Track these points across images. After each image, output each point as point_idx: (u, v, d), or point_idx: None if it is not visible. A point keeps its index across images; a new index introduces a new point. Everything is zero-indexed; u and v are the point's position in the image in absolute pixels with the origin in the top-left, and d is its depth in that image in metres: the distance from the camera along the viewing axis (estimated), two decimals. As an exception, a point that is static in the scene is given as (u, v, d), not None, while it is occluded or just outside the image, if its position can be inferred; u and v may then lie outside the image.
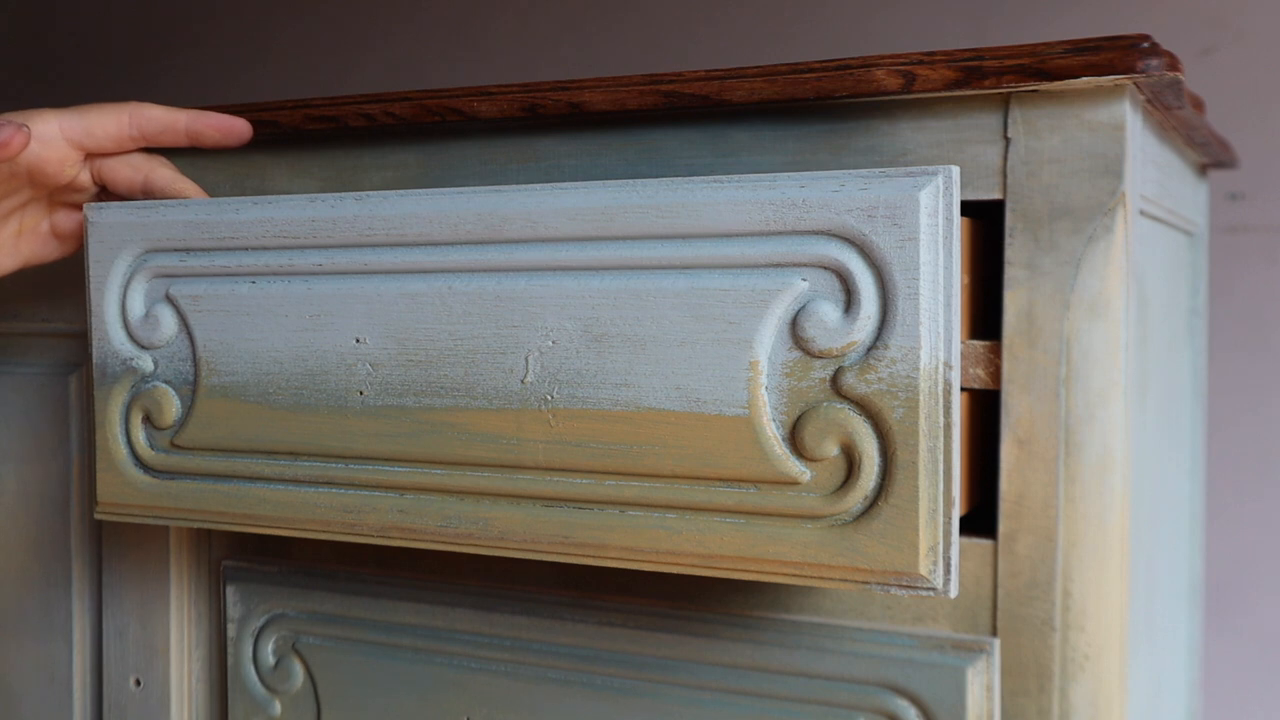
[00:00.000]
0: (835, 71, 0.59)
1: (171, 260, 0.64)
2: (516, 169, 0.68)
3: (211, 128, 0.66)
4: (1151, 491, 0.71)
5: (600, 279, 0.55)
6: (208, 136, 0.67)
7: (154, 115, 0.66)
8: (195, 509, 0.65)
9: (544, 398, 0.56)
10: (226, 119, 0.67)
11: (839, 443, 0.52)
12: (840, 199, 0.51)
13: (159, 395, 0.65)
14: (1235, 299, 1.07)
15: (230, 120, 0.67)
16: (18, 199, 0.68)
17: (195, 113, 0.67)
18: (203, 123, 0.66)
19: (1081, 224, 0.57)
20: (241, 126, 0.67)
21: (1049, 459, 0.57)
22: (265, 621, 0.74)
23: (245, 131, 0.67)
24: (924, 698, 0.58)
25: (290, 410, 0.62)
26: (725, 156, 0.63)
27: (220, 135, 0.67)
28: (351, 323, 0.60)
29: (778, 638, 0.62)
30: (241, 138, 0.67)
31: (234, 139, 0.67)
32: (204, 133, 0.67)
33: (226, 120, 0.67)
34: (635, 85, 0.63)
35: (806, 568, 0.53)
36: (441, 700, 0.69)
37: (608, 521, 0.56)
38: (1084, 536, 0.57)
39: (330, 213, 0.60)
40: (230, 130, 0.67)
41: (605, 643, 0.66)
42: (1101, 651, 0.57)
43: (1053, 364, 0.57)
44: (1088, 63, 0.55)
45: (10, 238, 0.69)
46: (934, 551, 0.51)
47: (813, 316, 0.52)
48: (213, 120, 0.66)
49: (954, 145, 0.59)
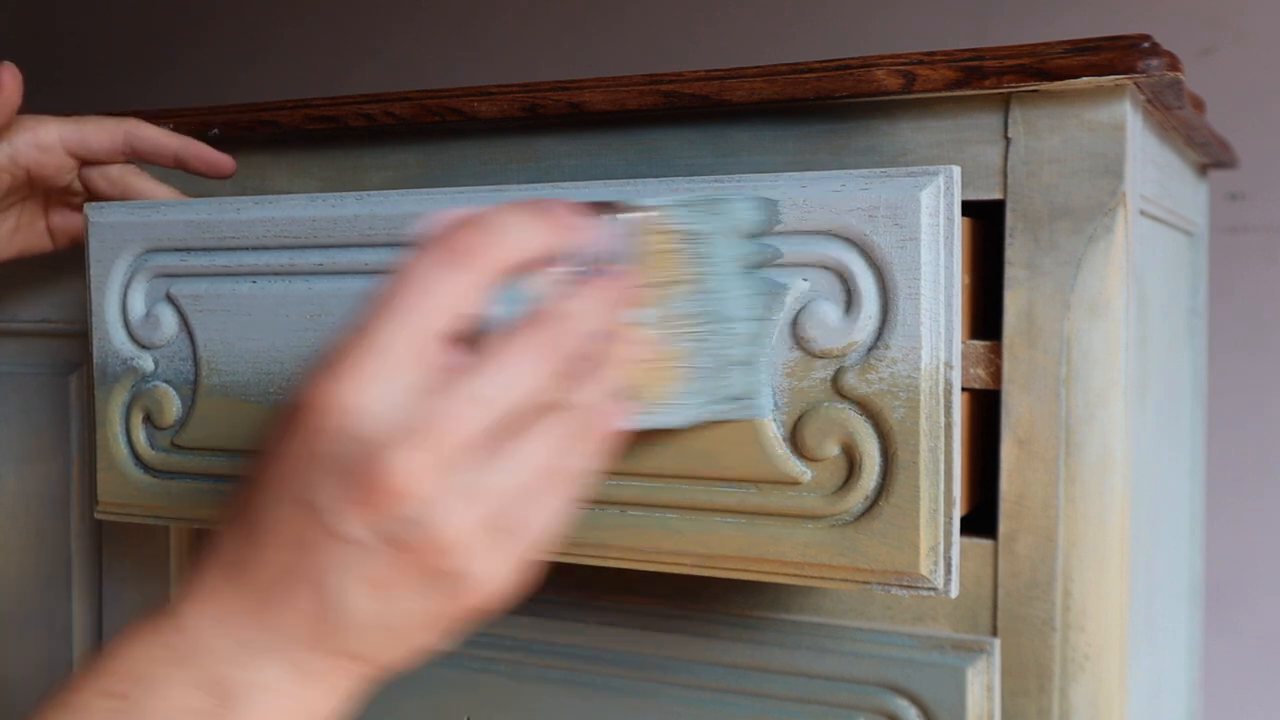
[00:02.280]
0: (835, 71, 0.59)
1: (172, 260, 0.64)
2: (516, 169, 0.68)
3: (197, 159, 0.69)
4: (1151, 491, 0.71)
5: (601, 279, 0.55)
6: (193, 166, 0.69)
7: (147, 135, 0.69)
8: (196, 509, 0.65)
9: (544, 398, 0.56)
10: (213, 153, 0.69)
11: (840, 443, 0.52)
12: (841, 199, 0.51)
13: (159, 395, 0.65)
14: (1235, 299, 1.07)
15: (217, 155, 0.69)
16: (16, 196, 0.70)
17: (185, 141, 0.69)
18: (190, 151, 0.69)
19: (1082, 224, 0.57)
20: (225, 163, 0.70)
21: (1049, 459, 0.57)
22: (265, 621, 0.74)
23: (228, 168, 0.70)
24: (924, 698, 0.58)
25: (291, 410, 0.62)
26: (725, 156, 0.63)
27: (205, 167, 0.69)
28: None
29: (778, 638, 0.62)
30: (223, 174, 0.70)
31: (216, 173, 0.70)
32: (190, 162, 0.69)
33: (213, 154, 0.69)
34: (635, 85, 0.63)
35: (807, 568, 0.53)
36: (441, 700, 0.69)
37: (609, 521, 0.56)
38: (1084, 536, 0.57)
39: (331, 213, 0.60)
40: (215, 164, 0.69)
41: (605, 643, 0.66)
42: (1101, 651, 0.57)
43: (1053, 364, 0.57)
44: (1088, 63, 0.55)
45: (8, 231, 0.71)
46: (935, 551, 0.51)
47: (814, 316, 0.52)
48: (201, 151, 0.69)
49: (954, 145, 0.59)
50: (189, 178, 0.75)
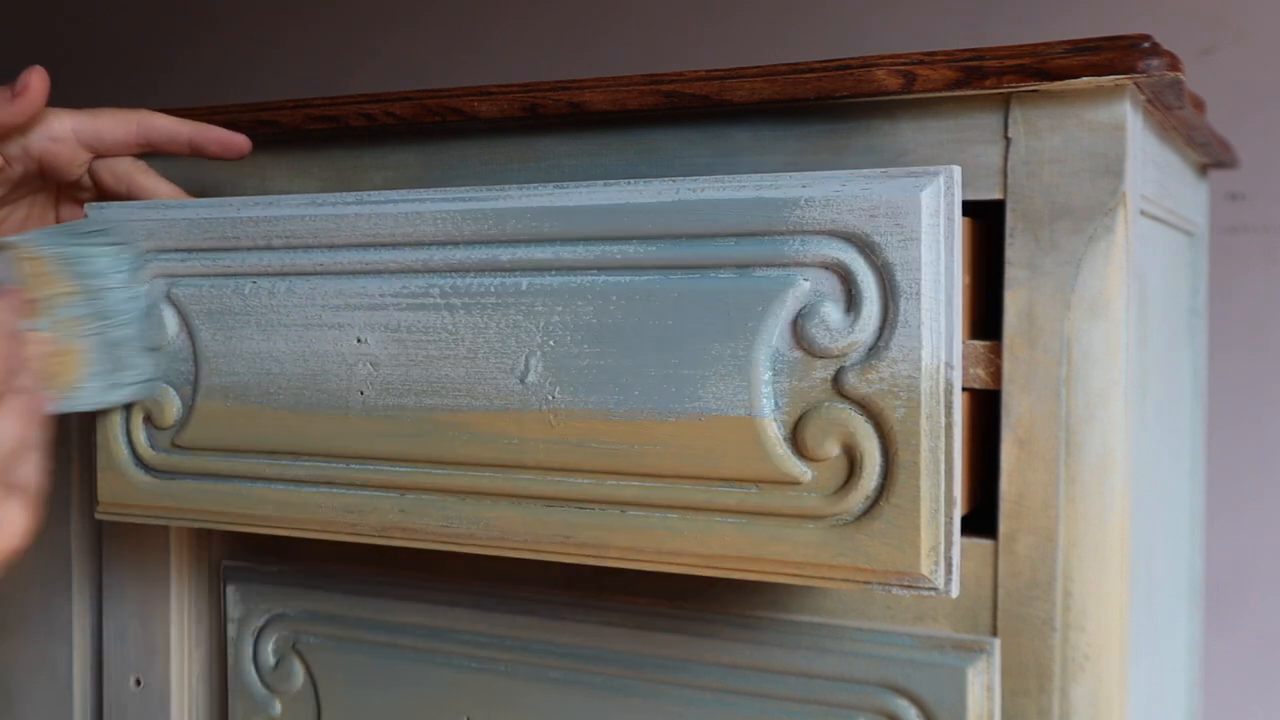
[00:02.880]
0: (835, 71, 0.59)
1: (173, 260, 0.64)
2: (516, 169, 0.68)
3: (213, 141, 0.69)
4: (1151, 491, 0.71)
5: (602, 279, 0.55)
6: (209, 149, 0.69)
7: (160, 125, 0.69)
8: (196, 509, 0.65)
9: (545, 397, 0.56)
10: (228, 134, 0.69)
11: (840, 443, 0.52)
12: (842, 199, 0.51)
13: (160, 395, 0.65)
14: (1235, 299, 1.07)
15: (231, 136, 0.69)
16: (29, 188, 0.70)
17: (198, 126, 0.69)
18: (205, 136, 0.69)
19: (1082, 224, 0.57)
20: (241, 142, 0.70)
21: (1049, 459, 0.57)
22: (265, 621, 0.74)
23: (245, 147, 0.70)
24: (924, 698, 0.58)
25: (291, 410, 0.62)
26: (725, 156, 0.63)
27: (220, 149, 0.69)
28: (353, 323, 0.60)
29: (778, 638, 0.62)
30: (241, 152, 0.70)
31: (233, 153, 0.70)
32: (206, 146, 0.69)
33: (228, 135, 0.69)
34: (635, 85, 0.63)
35: (808, 567, 0.53)
36: (441, 700, 0.69)
37: (609, 521, 0.56)
38: (1084, 536, 0.57)
39: (331, 212, 0.60)
40: (231, 145, 0.69)
41: (605, 643, 0.66)
42: (1101, 651, 0.57)
43: (1053, 364, 0.57)
44: (1088, 63, 0.55)
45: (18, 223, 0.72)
46: (935, 551, 0.51)
47: (815, 317, 0.52)
48: (215, 134, 0.69)
49: (954, 145, 0.59)
50: (194, 176, 0.75)
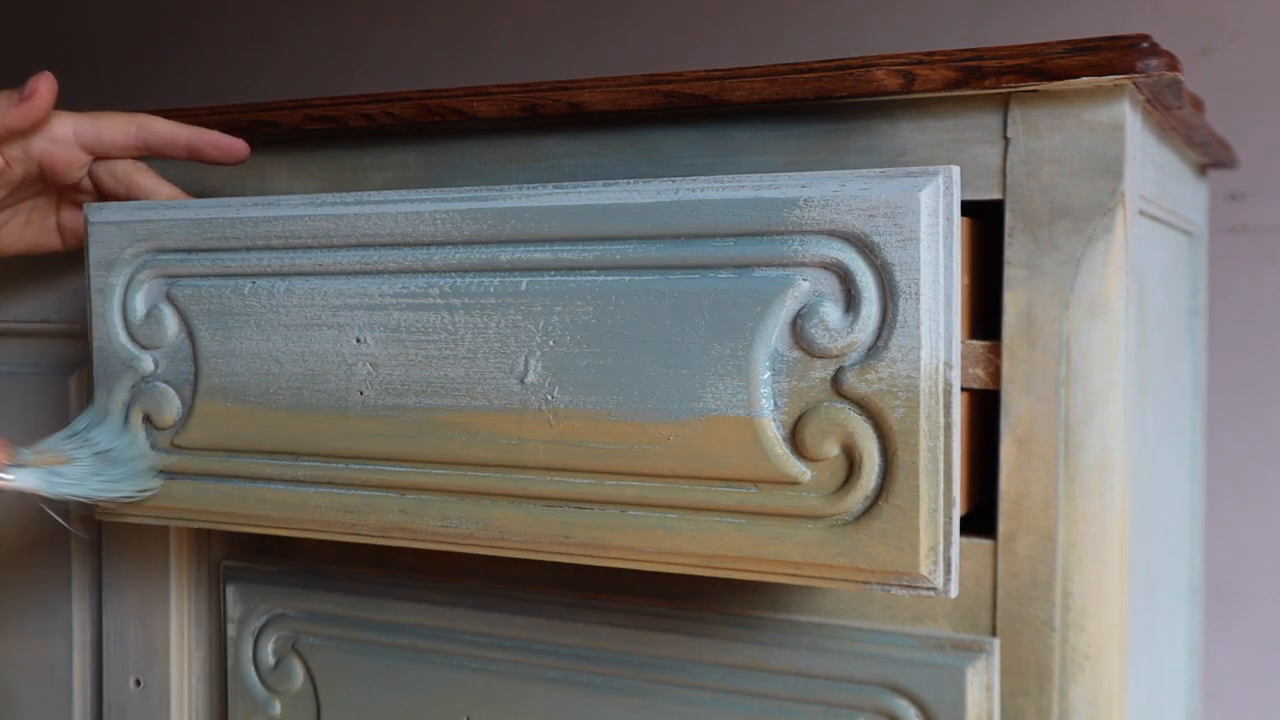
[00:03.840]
0: (835, 71, 0.59)
1: (173, 260, 0.64)
2: (516, 169, 0.68)
3: (211, 146, 0.69)
4: (1151, 491, 0.71)
5: (601, 279, 0.55)
6: (207, 154, 0.69)
7: (159, 129, 0.69)
8: (195, 509, 0.65)
9: (545, 398, 0.56)
10: (226, 139, 0.69)
11: (840, 443, 0.52)
12: (841, 199, 0.51)
13: (159, 395, 0.65)
14: (1235, 299, 1.07)
15: (230, 140, 0.69)
16: (30, 190, 0.71)
17: (197, 130, 0.69)
18: (204, 140, 0.69)
19: (1081, 224, 0.57)
20: (239, 147, 0.69)
21: (1049, 459, 0.57)
22: (265, 622, 0.74)
23: (243, 152, 0.70)
24: (924, 698, 0.58)
25: (291, 410, 0.62)
26: (725, 156, 0.63)
27: (219, 154, 0.69)
28: (352, 323, 0.60)
29: (778, 638, 0.62)
30: (239, 157, 0.70)
31: (232, 158, 0.69)
32: (204, 150, 0.69)
33: (226, 140, 0.69)
34: (635, 85, 0.63)
35: (807, 567, 0.53)
36: (441, 700, 0.69)
37: (608, 521, 0.56)
38: (1084, 536, 0.57)
39: (331, 213, 0.60)
40: (229, 150, 0.69)
41: (605, 643, 0.66)
42: (1101, 651, 0.57)
43: (1052, 364, 0.57)
44: (1088, 63, 0.55)
45: (19, 225, 0.72)
46: (934, 551, 0.51)
47: (814, 317, 0.52)
48: (213, 139, 0.69)
49: (954, 145, 0.59)
50: (193, 177, 0.75)
